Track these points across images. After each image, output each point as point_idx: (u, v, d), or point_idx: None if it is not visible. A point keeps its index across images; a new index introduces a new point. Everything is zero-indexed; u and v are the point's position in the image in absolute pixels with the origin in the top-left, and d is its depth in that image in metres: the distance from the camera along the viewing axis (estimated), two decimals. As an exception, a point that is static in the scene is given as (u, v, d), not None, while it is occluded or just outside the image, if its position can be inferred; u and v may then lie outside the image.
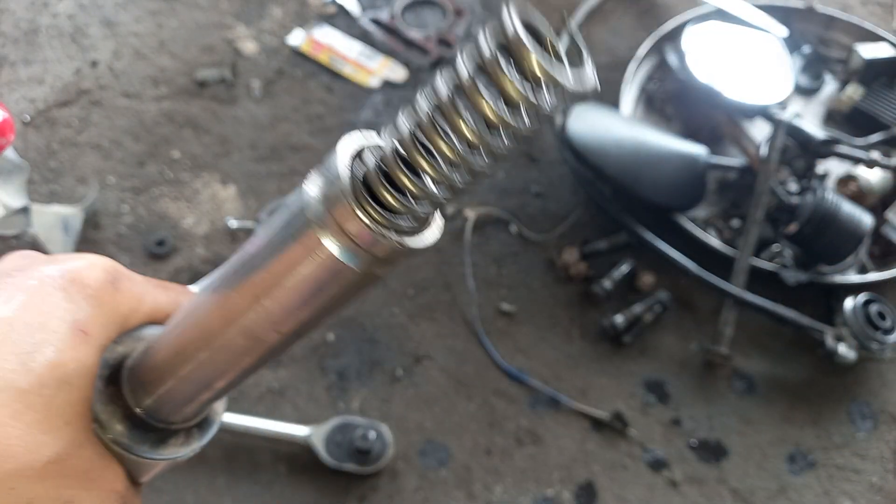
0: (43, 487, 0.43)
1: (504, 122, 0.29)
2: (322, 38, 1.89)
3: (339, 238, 0.34)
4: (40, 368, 0.43)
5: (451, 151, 0.31)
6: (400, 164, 0.32)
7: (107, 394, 0.48)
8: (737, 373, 1.45)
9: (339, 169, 0.33)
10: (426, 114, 0.31)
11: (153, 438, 0.49)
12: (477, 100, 0.29)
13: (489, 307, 1.49)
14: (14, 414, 0.41)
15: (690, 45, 1.73)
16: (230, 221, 1.56)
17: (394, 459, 1.31)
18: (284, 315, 0.38)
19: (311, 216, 0.34)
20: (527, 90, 0.28)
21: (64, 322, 0.45)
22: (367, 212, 0.33)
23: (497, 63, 0.28)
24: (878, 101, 1.73)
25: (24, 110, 1.74)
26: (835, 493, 1.34)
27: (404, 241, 0.34)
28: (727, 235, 1.59)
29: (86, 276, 0.48)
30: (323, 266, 0.35)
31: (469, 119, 0.30)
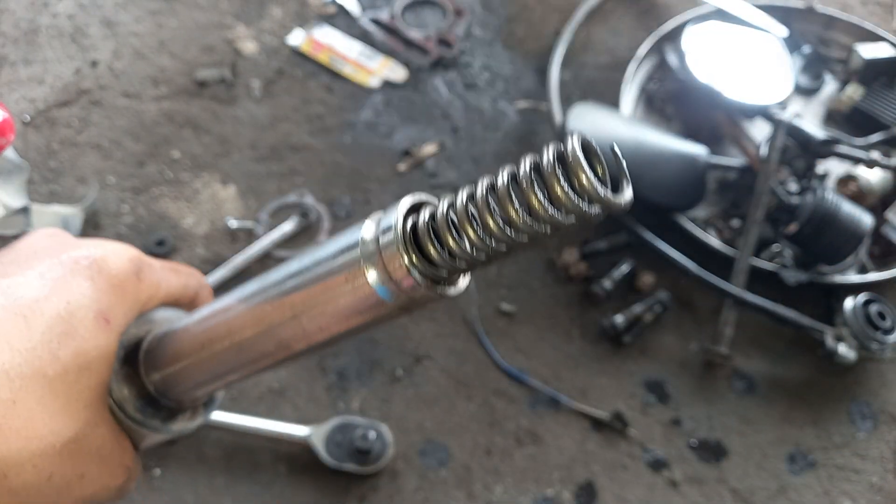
0: (61, 464, 0.46)
1: (547, 217, 0.35)
2: (322, 38, 1.89)
3: (382, 276, 0.39)
4: (66, 357, 0.46)
5: (496, 227, 0.36)
6: (449, 226, 0.37)
7: (122, 373, 0.52)
8: (737, 373, 1.45)
9: (397, 218, 0.38)
10: (482, 192, 0.36)
11: (164, 415, 0.54)
12: (529, 194, 0.34)
13: (489, 307, 1.49)
14: (40, 399, 0.44)
15: (690, 45, 1.73)
16: (230, 221, 1.56)
17: (394, 459, 1.31)
18: (316, 331, 0.43)
19: (363, 254, 0.39)
20: (571, 197, 0.34)
21: (90, 311, 0.48)
22: (411, 260, 0.38)
23: (554, 170, 0.34)
24: (878, 101, 1.73)
25: (24, 110, 1.74)
26: (835, 493, 1.34)
27: (436, 288, 0.39)
28: (727, 235, 1.59)
29: (112, 266, 0.51)
30: (362, 297, 0.40)
31: (518, 206, 0.35)
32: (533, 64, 1.89)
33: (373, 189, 1.65)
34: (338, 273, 0.40)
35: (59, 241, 0.53)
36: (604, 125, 1.60)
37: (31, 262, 0.49)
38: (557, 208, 0.34)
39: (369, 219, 0.41)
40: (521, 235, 0.36)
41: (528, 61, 1.90)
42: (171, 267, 0.59)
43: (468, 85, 1.85)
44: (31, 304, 0.46)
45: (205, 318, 0.51)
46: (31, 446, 0.44)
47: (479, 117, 1.79)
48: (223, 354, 0.49)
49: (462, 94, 1.83)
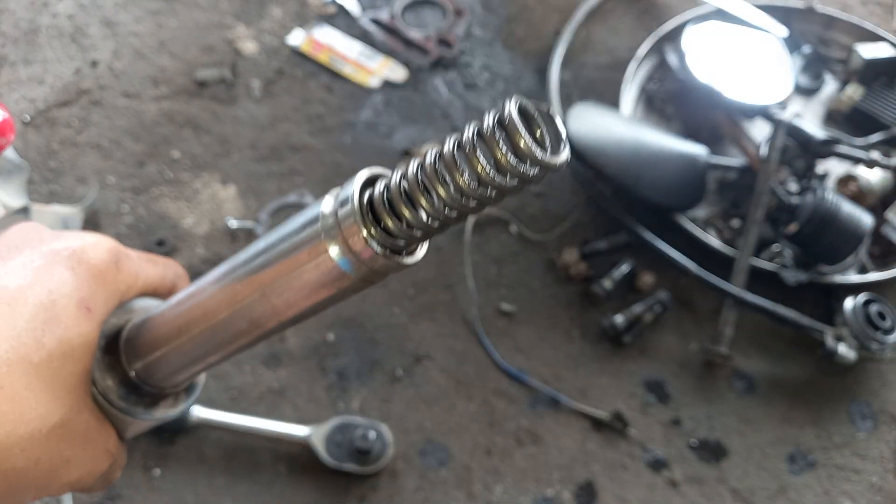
0: (48, 448, 0.48)
1: (491, 181, 0.36)
2: (322, 38, 1.89)
3: (343, 249, 0.40)
4: (50, 344, 0.47)
5: (447, 194, 0.37)
6: (403, 197, 0.39)
7: (105, 362, 0.54)
8: (737, 373, 1.45)
9: (353, 193, 0.40)
10: (430, 162, 0.38)
11: (147, 401, 0.55)
12: (473, 160, 0.36)
13: (489, 307, 1.49)
14: (27, 385, 0.46)
15: (690, 45, 1.73)
16: (230, 221, 1.56)
17: (394, 459, 1.31)
18: (285, 307, 0.45)
19: (322, 228, 0.41)
20: (511, 160, 0.35)
21: (71, 300, 0.49)
22: (370, 231, 0.39)
23: (494, 135, 0.36)
24: (878, 101, 1.73)
25: (24, 110, 1.74)
26: (835, 493, 1.34)
27: (395, 258, 0.41)
28: (727, 235, 1.59)
29: (91, 256, 0.52)
30: (325, 271, 0.41)
31: (465, 172, 0.37)
32: (533, 64, 1.89)
33: (373, 189, 1.65)
34: (300, 248, 0.42)
35: (38, 234, 0.54)
36: (604, 125, 1.60)
37: (11, 254, 0.51)
38: (501, 172, 0.36)
39: (329, 194, 0.42)
40: (469, 201, 0.38)
41: (528, 61, 1.90)
42: (148, 258, 0.61)
43: (468, 85, 1.85)
44: (14, 292, 0.47)
45: (179, 303, 0.52)
46: (19, 430, 0.45)
47: (478, 117, 1.79)
48: (199, 337, 0.50)
49: (462, 94, 1.83)
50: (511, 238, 1.59)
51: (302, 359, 1.41)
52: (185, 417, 1.28)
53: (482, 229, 1.59)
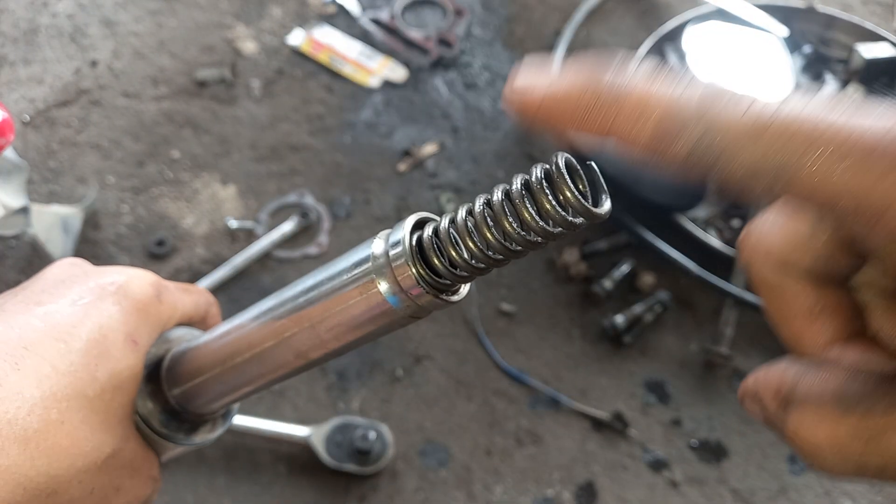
0: (101, 478, 0.50)
1: (537, 228, 0.39)
2: (322, 38, 1.89)
3: (392, 287, 0.43)
4: (103, 378, 0.50)
5: (493, 239, 0.40)
6: (451, 239, 0.42)
7: (146, 391, 0.56)
8: (737, 373, 1.45)
9: (405, 235, 0.43)
10: (480, 209, 0.40)
11: (187, 427, 0.58)
12: (521, 209, 0.39)
13: (489, 307, 1.49)
14: (84, 418, 0.48)
15: (691, 44, 1.73)
16: (230, 221, 1.56)
17: (394, 460, 1.31)
18: (332, 339, 0.48)
19: (374, 267, 0.43)
20: (558, 209, 0.38)
21: (120, 334, 0.52)
22: (418, 270, 0.42)
23: (542, 186, 0.38)
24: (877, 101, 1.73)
25: (23, 110, 1.74)
26: (835, 493, 1.34)
27: (440, 296, 0.44)
28: (727, 235, 1.59)
29: (136, 291, 0.55)
30: (374, 306, 0.44)
31: (512, 220, 0.40)
32: (533, 64, 1.89)
33: (373, 189, 1.65)
34: (352, 285, 0.45)
35: (83, 270, 0.57)
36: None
37: (61, 290, 0.53)
38: (546, 221, 0.39)
39: (377, 237, 0.45)
40: (515, 245, 0.41)
41: (528, 61, 1.90)
42: (183, 288, 0.63)
43: (468, 85, 1.85)
44: (68, 329, 0.50)
45: (224, 334, 0.54)
46: (77, 463, 0.47)
47: (479, 117, 1.79)
48: (243, 366, 0.53)
49: (462, 94, 1.83)
50: (511, 238, 1.59)
51: (302, 359, 1.41)
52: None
53: (482, 229, 1.59)
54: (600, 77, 0.33)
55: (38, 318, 0.49)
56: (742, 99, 0.30)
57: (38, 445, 0.45)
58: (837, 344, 0.37)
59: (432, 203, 1.64)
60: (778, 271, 0.38)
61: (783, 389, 0.36)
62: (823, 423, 0.33)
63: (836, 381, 0.34)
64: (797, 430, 0.34)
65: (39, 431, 0.45)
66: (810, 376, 0.35)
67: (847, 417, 0.32)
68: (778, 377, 0.37)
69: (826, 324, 0.37)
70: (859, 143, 0.28)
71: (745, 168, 0.30)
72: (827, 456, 0.33)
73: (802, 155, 0.29)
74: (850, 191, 0.28)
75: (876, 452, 0.32)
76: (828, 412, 0.33)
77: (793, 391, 0.35)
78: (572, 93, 0.34)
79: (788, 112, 0.30)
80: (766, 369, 0.39)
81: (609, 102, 0.33)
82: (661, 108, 0.32)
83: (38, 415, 0.46)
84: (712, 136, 0.30)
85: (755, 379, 0.39)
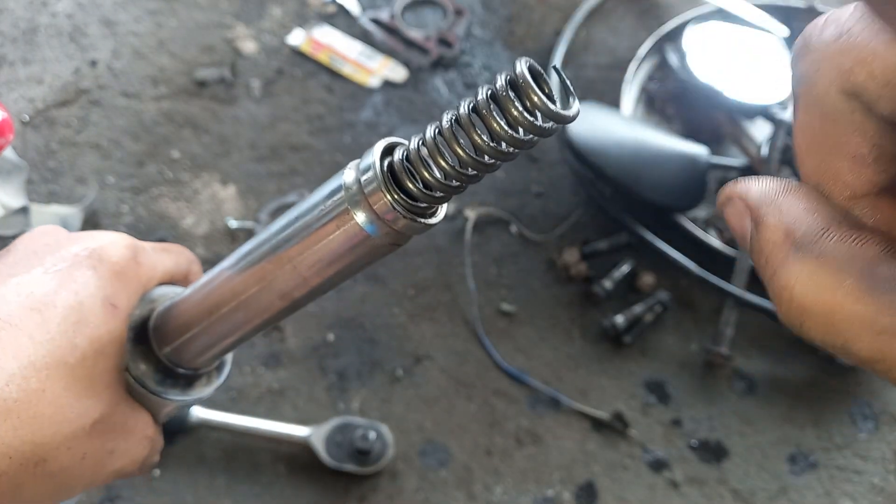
0: (92, 443, 0.50)
1: (507, 137, 0.38)
2: (322, 38, 1.89)
3: (368, 215, 0.42)
4: (83, 344, 0.50)
5: (465, 154, 0.39)
6: (423, 160, 0.41)
7: (137, 352, 0.56)
8: (737, 373, 1.45)
9: (374, 161, 0.42)
10: (448, 125, 0.40)
11: (182, 384, 0.58)
12: (489, 119, 0.38)
13: (489, 307, 1.49)
14: (66, 386, 0.48)
15: (691, 44, 1.73)
16: (230, 221, 1.56)
17: (394, 460, 1.31)
18: (314, 276, 0.47)
19: (347, 197, 0.43)
20: (525, 115, 0.37)
21: (97, 299, 0.51)
22: (392, 195, 0.41)
23: (507, 94, 0.38)
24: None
25: (22, 110, 1.74)
26: (836, 493, 1.34)
27: (417, 220, 0.43)
28: (728, 235, 1.59)
29: (111, 254, 0.55)
30: (352, 235, 0.43)
31: (480, 132, 0.39)
32: (533, 64, 1.89)
33: (373, 189, 1.65)
34: (327, 218, 0.44)
35: (55, 238, 0.56)
36: (604, 125, 1.60)
37: (33, 261, 0.52)
38: (515, 129, 0.38)
39: (347, 167, 0.44)
40: (487, 158, 0.40)
41: (528, 61, 1.89)
42: (162, 247, 0.62)
43: (468, 85, 1.85)
44: (42, 298, 0.49)
45: (205, 285, 0.54)
46: (63, 430, 0.47)
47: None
48: (229, 315, 0.52)
49: (462, 94, 1.83)
50: (511, 238, 1.59)
51: (302, 359, 1.41)
52: (185, 418, 1.27)
53: (482, 229, 1.59)
54: None
55: (12, 290, 0.49)
56: None
57: (19, 415, 0.45)
58: (871, 196, 0.32)
59: (432, 203, 1.63)
60: (845, 95, 0.31)
61: (800, 231, 0.30)
62: (836, 292, 0.28)
63: (872, 252, 0.28)
64: (795, 282, 0.29)
65: (20, 401, 0.45)
66: (839, 233, 0.29)
67: (869, 298, 0.27)
68: (799, 213, 0.31)
69: (872, 173, 0.31)
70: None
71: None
72: (815, 324, 0.29)
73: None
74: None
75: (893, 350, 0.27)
76: (848, 284, 0.28)
77: (813, 239, 0.30)
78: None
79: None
80: (784, 193, 0.32)
81: None
82: None
83: (17, 385, 0.46)
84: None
85: (762, 192, 0.33)
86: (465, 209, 1.62)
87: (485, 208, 1.61)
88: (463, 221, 1.60)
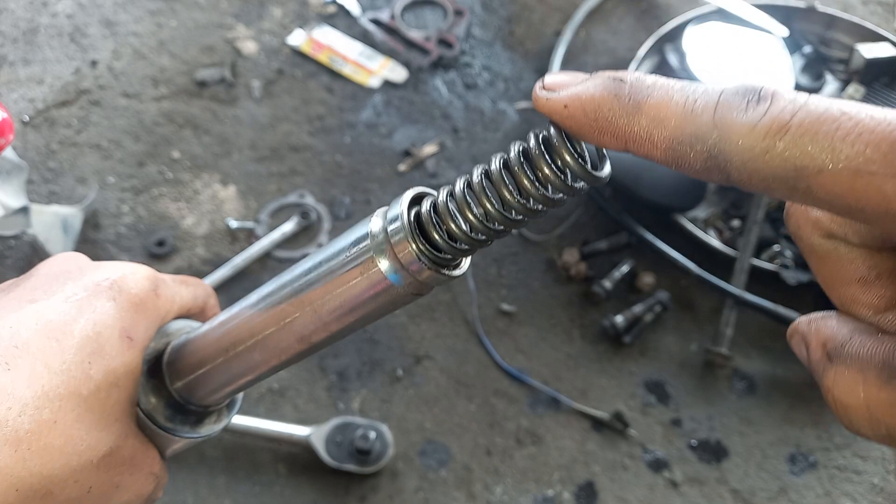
0: (99, 476, 0.49)
1: (536, 195, 0.38)
2: (322, 38, 1.89)
3: (393, 264, 0.42)
4: (97, 375, 0.49)
5: (493, 209, 0.39)
6: (451, 212, 0.41)
7: (149, 386, 0.56)
8: (737, 373, 1.45)
9: (402, 210, 0.42)
10: (478, 180, 0.40)
11: (192, 420, 0.58)
12: (520, 176, 0.38)
13: (489, 307, 1.49)
14: (78, 417, 0.48)
15: (691, 44, 1.73)
16: (230, 222, 1.56)
17: (394, 460, 1.31)
18: (334, 322, 0.47)
19: (373, 245, 0.43)
20: (558, 174, 0.37)
21: (115, 330, 0.51)
22: (418, 246, 0.42)
23: (542, 153, 0.37)
24: (879, 101, 1.73)
25: (23, 110, 1.74)
26: (836, 493, 1.34)
27: (441, 271, 0.43)
28: (727, 236, 1.59)
29: (132, 285, 0.54)
30: (375, 283, 0.43)
31: (511, 188, 0.39)
32: (533, 64, 1.89)
33: (373, 189, 1.65)
34: (351, 264, 0.44)
35: (77, 265, 0.56)
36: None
37: (55, 287, 0.52)
38: (545, 187, 0.38)
39: (375, 215, 0.44)
40: (515, 214, 0.40)
41: (528, 61, 1.90)
42: (181, 280, 0.62)
43: (468, 85, 1.85)
44: (61, 326, 0.49)
45: (224, 323, 0.54)
46: (72, 462, 0.47)
47: (479, 117, 1.79)
48: (245, 354, 0.52)
49: (462, 95, 1.83)
50: (511, 238, 1.59)
51: (302, 359, 1.41)
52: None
53: (482, 229, 1.59)
54: (620, 85, 0.34)
55: (30, 316, 0.49)
56: (759, 103, 0.30)
57: (30, 446, 0.45)
58: (893, 308, 0.36)
59: (432, 203, 1.64)
60: (825, 238, 0.36)
61: (830, 344, 0.36)
62: (863, 386, 0.32)
63: (887, 349, 0.33)
64: (833, 386, 0.34)
65: (31, 432, 0.45)
66: (861, 339, 0.34)
67: (889, 387, 0.31)
68: (830, 330, 0.36)
69: (882, 289, 0.36)
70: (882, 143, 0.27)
71: (761, 176, 0.30)
72: (857, 417, 0.33)
73: (821, 162, 0.28)
74: (872, 198, 0.27)
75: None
76: (871, 377, 0.32)
77: (840, 347, 0.35)
78: (595, 97, 0.34)
79: (804, 117, 0.29)
80: (821, 318, 0.38)
81: (628, 111, 0.34)
82: (677, 118, 0.32)
83: (30, 415, 0.45)
84: (726, 145, 0.30)
85: (808, 322, 0.38)
86: (465, 209, 1.62)
87: (485, 208, 1.61)
88: (463, 221, 1.60)
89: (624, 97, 0.33)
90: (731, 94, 0.31)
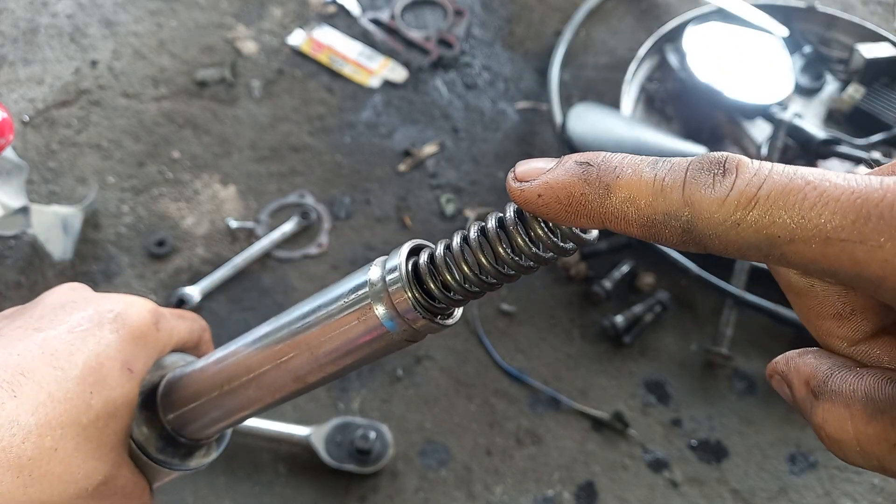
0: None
1: (529, 253, 0.41)
2: (322, 38, 1.89)
3: (390, 312, 0.44)
4: (98, 405, 0.51)
5: (488, 264, 0.42)
6: (448, 264, 0.43)
7: (142, 418, 0.57)
8: (737, 373, 1.45)
9: (401, 261, 0.44)
10: (474, 236, 0.42)
11: (182, 452, 0.59)
12: (515, 236, 0.41)
13: (489, 307, 1.49)
14: (77, 445, 0.49)
15: (691, 44, 1.73)
16: (230, 221, 1.56)
17: (394, 460, 1.31)
18: (330, 363, 0.48)
19: (371, 292, 0.45)
20: (549, 236, 0.40)
21: (116, 361, 0.53)
22: (414, 295, 0.44)
23: (516, 226, 0.41)
24: (879, 101, 1.73)
25: (23, 110, 1.74)
26: (836, 493, 1.34)
27: (437, 319, 0.45)
28: (728, 235, 1.59)
29: (134, 318, 0.56)
30: (371, 328, 0.45)
31: (505, 245, 0.42)
32: (533, 64, 1.89)
33: (373, 189, 1.65)
34: (349, 310, 0.46)
35: (82, 296, 0.58)
36: (604, 125, 1.60)
37: (60, 317, 0.54)
38: (537, 246, 0.41)
39: (373, 264, 0.46)
40: (507, 269, 0.42)
41: (528, 61, 1.90)
42: (179, 314, 0.64)
43: (468, 85, 1.85)
44: (65, 356, 0.50)
45: (221, 359, 0.55)
46: (69, 490, 0.48)
47: (479, 117, 1.79)
48: (240, 390, 0.53)
49: (462, 95, 1.83)
50: (511, 238, 1.59)
51: (302, 359, 1.41)
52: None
53: (482, 229, 1.59)
54: (588, 169, 0.36)
55: (36, 345, 0.50)
56: (724, 176, 0.31)
57: (31, 473, 0.46)
58: (867, 341, 0.38)
59: (432, 203, 1.64)
60: (804, 277, 0.38)
61: (813, 381, 0.37)
62: (850, 422, 0.33)
63: (868, 383, 0.34)
64: (823, 423, 0.35)
65: (33, 459, 0.46)
66: (842, 374, 0.36)
67: (875, 421, 0.32)
68: (810, 368, 0.38)
69: (856, 324, 0.38)
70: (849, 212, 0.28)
71: (737, 246, 0.31)
72: (849, 451, 0.34)
73: (791, 232, 0.29)
74: (844, 264, 0.28)
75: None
76: (857, 412, 0.33)
77: (824, 384, 0.36)
78: (565, 185, 0.36)
79: (770, 188, 0.30)
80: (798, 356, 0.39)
81: (599, 193, 0.35)
82: (647, 197, 0.33)
83: (33, 442, 0.47)
84: (699, 221, 0.32)
85: (786, 361, 0.40)
86: (465, 209, 1.62)
87: (484, 208, 1.61)
88: (463, 221, 1.60)
89: (593, 181, 0.35)
90: (697, 169, 0.32)
